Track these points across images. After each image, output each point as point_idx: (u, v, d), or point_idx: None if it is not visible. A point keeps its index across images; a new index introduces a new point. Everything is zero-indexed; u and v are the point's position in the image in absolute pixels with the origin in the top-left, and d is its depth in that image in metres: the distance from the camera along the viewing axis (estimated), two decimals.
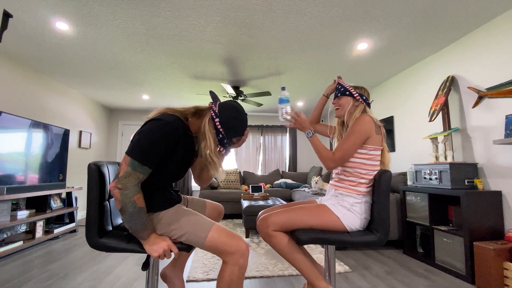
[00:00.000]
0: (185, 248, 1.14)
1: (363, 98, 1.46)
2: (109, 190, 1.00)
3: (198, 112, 1.23)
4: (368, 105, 1.47)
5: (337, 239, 1.27)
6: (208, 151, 1.15)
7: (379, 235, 1.28)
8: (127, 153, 1.03)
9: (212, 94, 1.28)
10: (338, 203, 1.35)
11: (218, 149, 1.17)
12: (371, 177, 1.36)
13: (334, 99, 1.54)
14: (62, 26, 2.46)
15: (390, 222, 2.72)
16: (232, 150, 1.83)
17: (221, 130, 1.15)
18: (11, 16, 1.39)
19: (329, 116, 1.83)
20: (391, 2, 2.09)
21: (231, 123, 1.16)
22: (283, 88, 1.50)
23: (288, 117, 1.44)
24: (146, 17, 2.32)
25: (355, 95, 1.45)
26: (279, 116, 1.48)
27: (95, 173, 1.14)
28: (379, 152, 1.39)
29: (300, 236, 1.26)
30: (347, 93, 1.46)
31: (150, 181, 1.14)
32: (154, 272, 1.29)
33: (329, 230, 1.32)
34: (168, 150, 1.10)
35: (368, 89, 4.29)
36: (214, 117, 1.16)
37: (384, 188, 1.31)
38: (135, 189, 1.01)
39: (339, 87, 1.50)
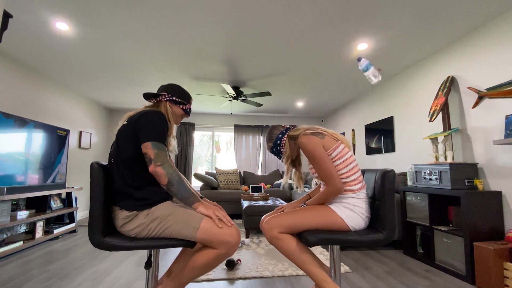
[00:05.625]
0: (189, 244, 1.16)
1: (281, 136, 1.56)
2: (152, 172, 1.11)
3: (154, 106, 1.38)
4: (288, 130, 1.59)
5: (346, 239, 1.28)
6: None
7: (386, 233, 1.29)
8: (146, 140, 1.13)
9: (146, 94, 1.39)
10: (341, 204, 1.37)
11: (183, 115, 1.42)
12: (356, 171, 1.40)
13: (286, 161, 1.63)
14: (62, 26, 2.46)
15: None
16: (232, 151, 2.02)
17: (180, 100, 1.39)
18: (11, 16, 1.40)
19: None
20: (391, 2, 2.09)
21: (182, 92, 1.41)
22: (359, 59, 1.71)
23: (377, 77, 1.65)
24: (146, 17, 2.32)
25: (282, 143, 1.56)
26: (372, 80, 1.74)
27: (98, 171, 1.14)
28: (340, 148, 1.42)
29: (309, 238, 1.27)
30: (278, 148, 1.58)
31: (141, 175, 1.18)
32: (154, 273, 1.29)
33: (333, 230, 1.34)
34: None
35: (368, 89, 4.29)
36: (170, 97, 1.36)
37: (388, 187, 1.32)
38: (170, 163, 1.14)
39: (275, 150, 1.60)
